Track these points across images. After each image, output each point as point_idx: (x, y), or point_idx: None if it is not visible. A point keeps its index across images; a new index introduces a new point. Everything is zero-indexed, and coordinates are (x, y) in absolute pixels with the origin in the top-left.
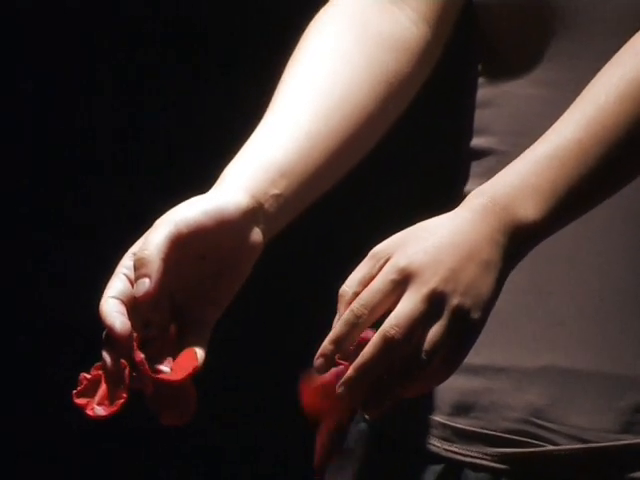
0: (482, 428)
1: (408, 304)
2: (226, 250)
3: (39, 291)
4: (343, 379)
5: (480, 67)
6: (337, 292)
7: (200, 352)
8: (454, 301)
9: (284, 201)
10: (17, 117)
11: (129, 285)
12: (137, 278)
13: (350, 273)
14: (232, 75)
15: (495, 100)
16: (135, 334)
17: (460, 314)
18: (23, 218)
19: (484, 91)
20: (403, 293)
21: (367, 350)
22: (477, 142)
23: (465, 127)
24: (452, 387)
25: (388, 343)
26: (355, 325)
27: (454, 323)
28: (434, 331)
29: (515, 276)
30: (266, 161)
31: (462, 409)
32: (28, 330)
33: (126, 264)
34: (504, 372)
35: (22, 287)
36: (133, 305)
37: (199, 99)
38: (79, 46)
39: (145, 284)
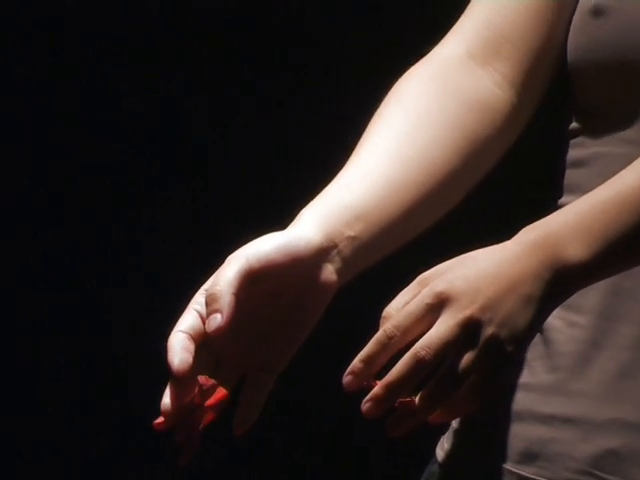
0: (546, 477)
1: (442, 328)
2: (298, 287)
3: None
4: (370, 395)
5: (572, 127)
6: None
7: None
8: (489, 330)
9: (360, 244)
10: (17, 117)
11: (200, 321)
12: (209, 314)
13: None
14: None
15: (586, 160)
16: (205, 385)
17: (494, 344)
18: (23, 218)
19: (576, 151)
20: (437, 317)
21: (396, 369)
22: (567, 200)
23: (556, 186)
24: (521, 435)
25: (418, 363)
26: (386, 345)
27: (487, 353)
28: (465, 358)
29: (586, 330)
30: (342, 204)
31: (529, 457)
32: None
33: (198, 300)
34: (571, 422)
35: (23, 287)
36: (204, 342)
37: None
38: (79, 46)
39: (217, 319)
